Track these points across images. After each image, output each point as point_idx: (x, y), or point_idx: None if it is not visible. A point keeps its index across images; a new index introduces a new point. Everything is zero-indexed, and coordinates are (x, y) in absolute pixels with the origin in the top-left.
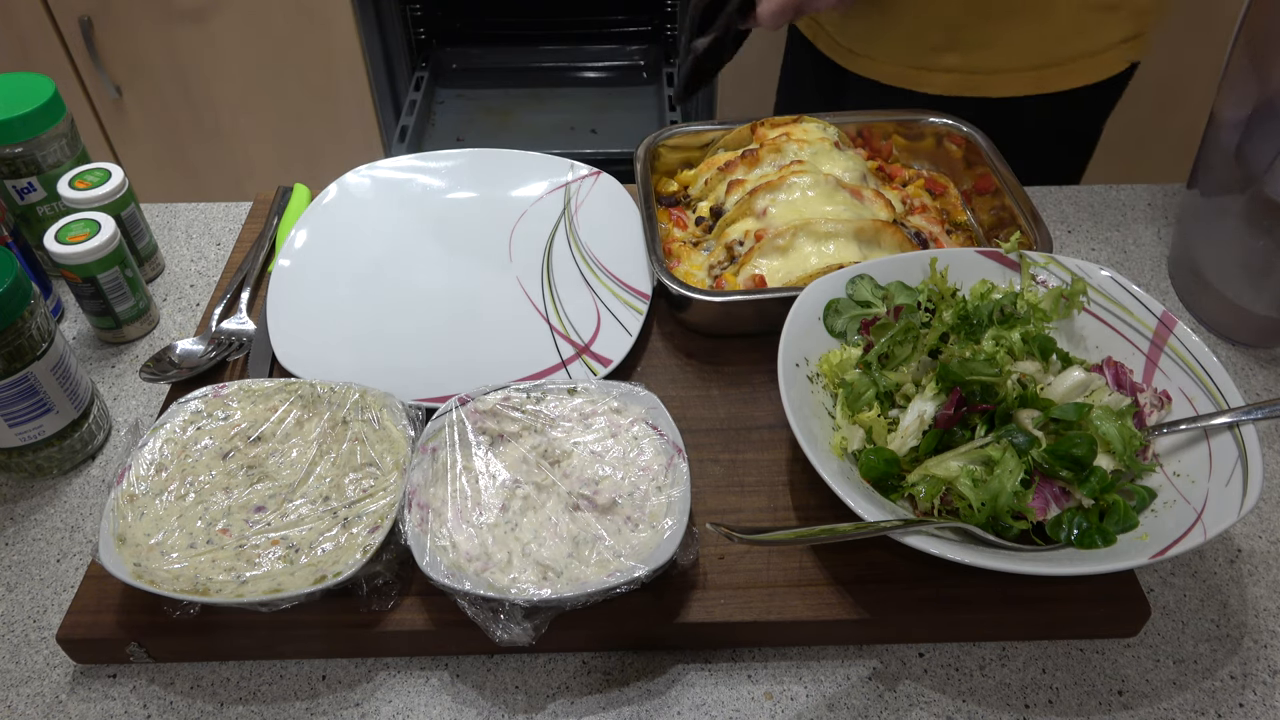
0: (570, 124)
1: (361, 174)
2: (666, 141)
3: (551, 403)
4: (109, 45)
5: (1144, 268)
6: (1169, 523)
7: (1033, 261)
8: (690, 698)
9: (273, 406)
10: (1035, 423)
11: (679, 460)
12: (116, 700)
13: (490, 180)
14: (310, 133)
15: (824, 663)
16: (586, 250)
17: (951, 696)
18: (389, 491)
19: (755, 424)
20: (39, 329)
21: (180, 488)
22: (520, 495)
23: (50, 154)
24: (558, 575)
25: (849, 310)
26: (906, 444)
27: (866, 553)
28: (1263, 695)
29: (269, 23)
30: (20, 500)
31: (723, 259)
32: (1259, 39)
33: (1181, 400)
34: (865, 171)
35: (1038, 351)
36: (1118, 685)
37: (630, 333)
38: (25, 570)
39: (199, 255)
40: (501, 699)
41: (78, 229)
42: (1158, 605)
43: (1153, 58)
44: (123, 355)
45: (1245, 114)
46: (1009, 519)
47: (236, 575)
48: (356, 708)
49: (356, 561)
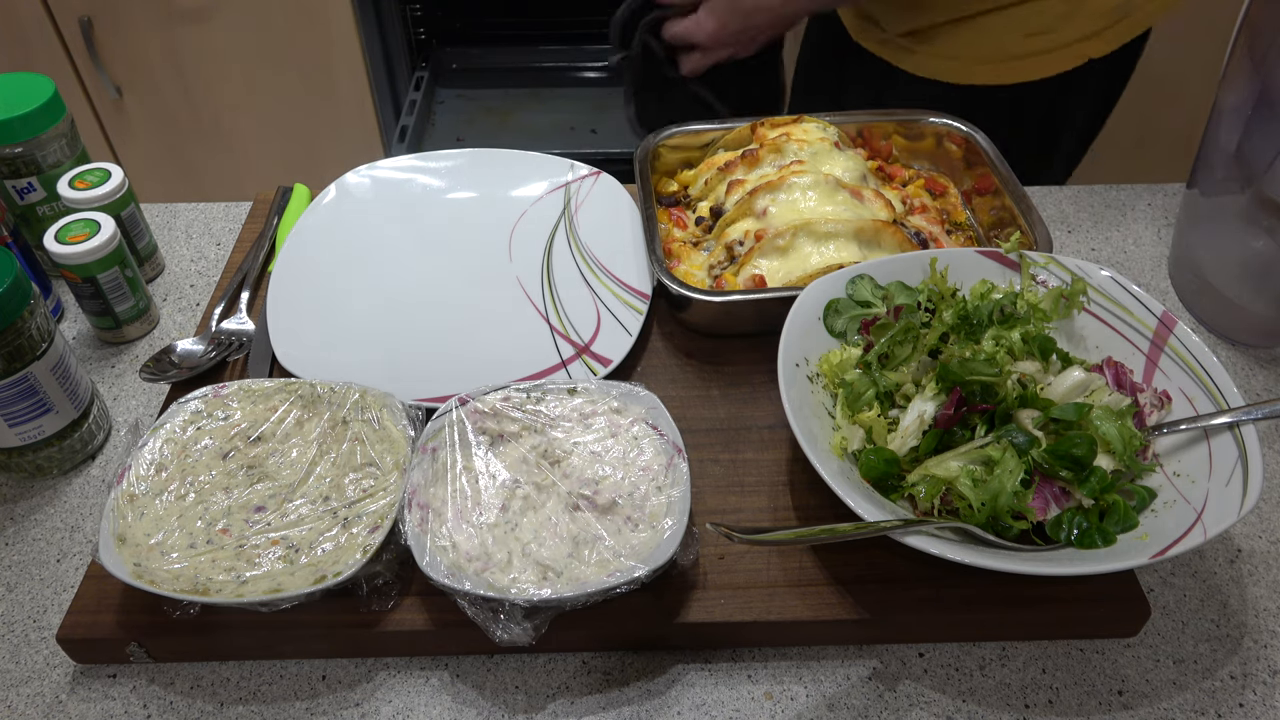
0: (570, 124)
1: (361, 174)
2: (666, 141)
3: (551, 403)
4: (109, 45)
5: (1144, 268)
6: (1169, 523)
7: (1033, 261)
8: (690, 698)
9: (273, 406)
10: (1035, 423)
11: (679, 460)
12: (116, 700)
13: (490, 180)
14: (310, 133)
15: (824, 663)
16: (586, 250)
17: (951, 696)
18: (389, 491)
19: (755, 424)
20: (39, 329)
21: (180, 488)
22: (520, 495)
23: (50, 154)
24: (558, 575)
25: (849, 310)
26: (906, 444)
27: (866, 553)
28: (1263, 695)
29: (269, 23)
30: (20, 500)
31: (723, 259)
32: (1259, 38)
33: (1181, 400)
34: (865, 171)
35: (1038, 351)
36: (1118, 685)
37: (630, 333)
38: (25, 570)
39: (199, 255)
40: (501, 699)
41: (78, 229)
42: (1158, 605)
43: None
44: (123, 355)
45: (1245, 114)
46: (1009, 519)
47: (236, 575)
48: (356, 708)
49: (356, 561)
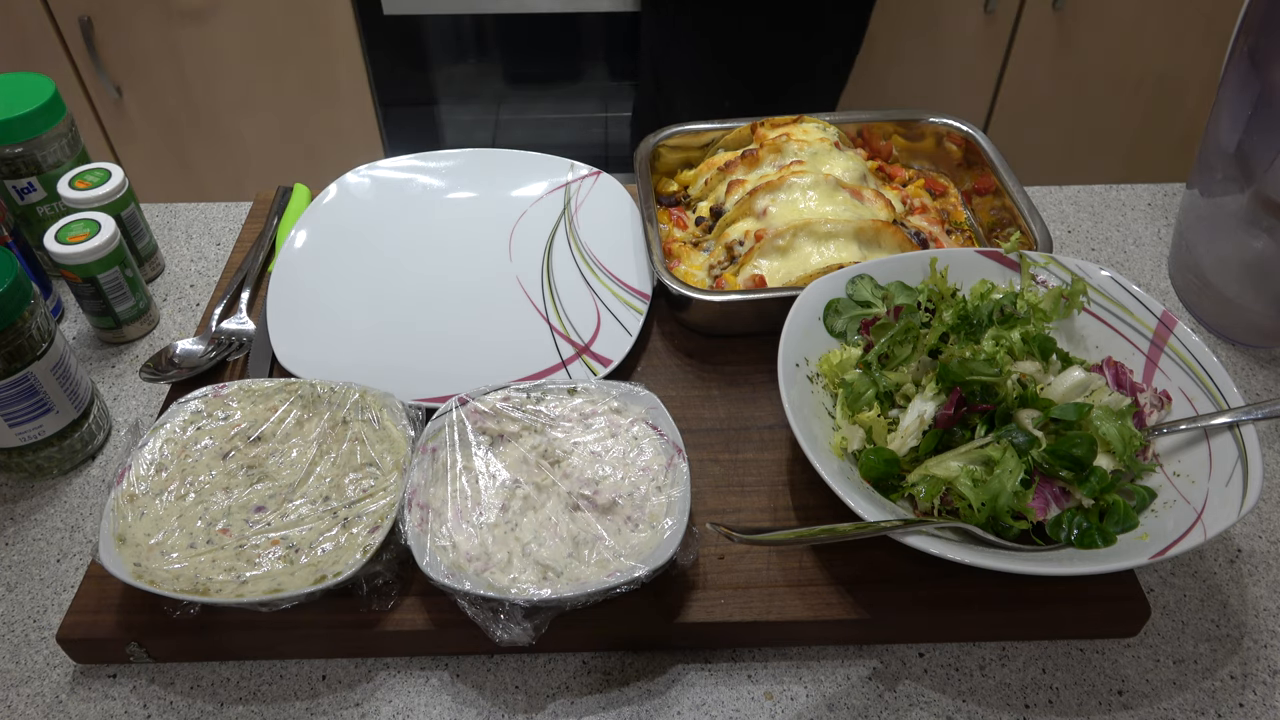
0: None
1: (361, 174)
2: (666, 141)
3: (551, 403)
4: (109, 45)
5: (1144, 268)
6: (1169, 523)
7: (1033, 261)
8: (690, 698)
9: (273, 406)
10: (1035, 423)
11: (679, 460)
12: (116, 700)
13: (490, 180)
14: (310, 133)
15: (824, 663)
16: (586, 250)
17: (951, 696)
18: (389, 491)
19: (755, 424)
20: (39, 329)
21: (180, 488)
22: (520, 495)
23: (50, 154)
24: (558, 575)
25: (849, 310)
26: (906, 444)
27: (866, 553)
28: (1263, 695)
29: (269, 23)
30: (20, 500)
31: (723, 259)
32: (1259, 38)
33: (1181, 400)
34: (865, 171)
35: (1038, 351)
36: (1118, 685)
37: (630, 333)
38: (25, 570)
39: (199, 255)
40: (501, 699)
41: (78, 229)
42: (1158, 605)
43: (1153, 58)
44: (123, 355)
45: (1245, 114)
46: (1009, 519)
47: (236, 575)
48: (356, 708)
49: (356, 561)
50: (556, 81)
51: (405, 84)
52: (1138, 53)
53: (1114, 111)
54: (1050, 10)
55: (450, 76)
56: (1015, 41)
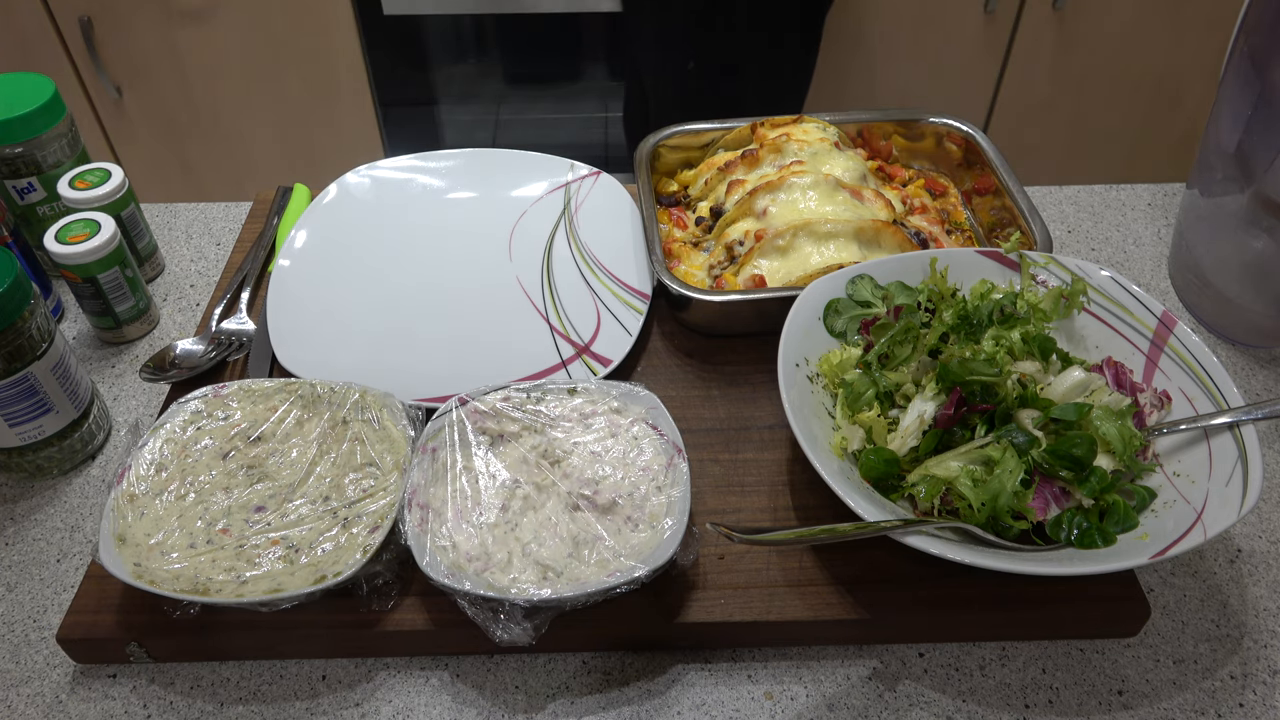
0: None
1: (361, 174)
2: (666, 141)
3: (551, 403)
4: (109, 45)
5: (1144, 268)
6: (1169, 523)
7: (1033, 261)
8: (690, 698)
9: (273, 406)
10: (1035, 423)
11: (679, 460)
12: (116, 700)
13: (490, 180)
14: (310, 133)
15: (824, 663)
16: (586, 250)
17: (951, 696)
18: (389, 491)
19: (755, 424)
20: (39, 329)
21: (180, 488)
22: (520, 495)
23: (50, 154)
24: (558, 575)
25: (849, 310)
26: (906, 444)
27: (866, 553)
28: (1263, 695)
29: (269, 23)
30: (20, 500)
31: (723, 259)
32: (1259, 39)
33: (1181, 400)
34: (865, 171)
35: (1038, 351)
36: (1118, 685)
37: (630, 333)
38: (25, 570)
39: (199, 255)
40: (501, 699)
41: (78, 229)
42: (1158, 605)
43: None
44: (123, 355)
45: (1245, 114)
46: (1009, 519)
47: (236, 575)
48: (356, 708)
49: (356, 561)
50: (556, 81)
51: (405, 84)
52: (1138, 53)
53: (1114, 111)
54: (1050, 10)
55: (450, 76)
56: (1015, 41)
